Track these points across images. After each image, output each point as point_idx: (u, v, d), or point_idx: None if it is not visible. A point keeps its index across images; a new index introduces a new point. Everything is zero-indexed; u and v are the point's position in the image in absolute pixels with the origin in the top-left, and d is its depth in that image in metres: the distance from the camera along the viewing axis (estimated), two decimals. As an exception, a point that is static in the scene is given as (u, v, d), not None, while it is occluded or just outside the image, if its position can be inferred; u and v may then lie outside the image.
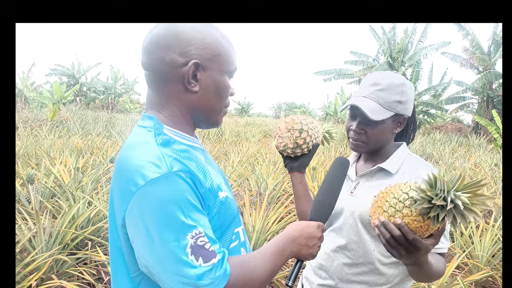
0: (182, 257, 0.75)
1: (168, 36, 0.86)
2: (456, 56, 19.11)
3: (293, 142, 1.29)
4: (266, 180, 5.25)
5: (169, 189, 0.77)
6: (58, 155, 6.16)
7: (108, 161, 5.82)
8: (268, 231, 3.49)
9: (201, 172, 0.86)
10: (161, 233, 0.75)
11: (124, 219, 0.80)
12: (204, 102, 0.91)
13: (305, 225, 0.98)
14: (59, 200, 3.80)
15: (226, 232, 0.91)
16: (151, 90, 0.92)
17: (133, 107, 29.58)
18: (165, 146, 0.84)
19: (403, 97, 1.21)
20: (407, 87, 1.22)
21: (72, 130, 11.68)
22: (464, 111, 20.76)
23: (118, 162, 0.86)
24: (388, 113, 1.20)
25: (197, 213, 0.79)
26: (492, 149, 12.99)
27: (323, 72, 22.44)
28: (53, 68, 29.54)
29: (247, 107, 40.25)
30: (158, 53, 0.86)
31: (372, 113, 1.18)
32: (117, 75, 30.40)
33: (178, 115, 0.91)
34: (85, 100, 30.46)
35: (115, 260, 0.89)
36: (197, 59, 0.86)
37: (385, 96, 1.20)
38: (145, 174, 0.77)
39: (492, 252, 3.48)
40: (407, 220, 0.89)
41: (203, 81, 0.89)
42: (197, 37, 0.87)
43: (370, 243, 1.23)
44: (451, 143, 14.18)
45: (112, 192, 0.87)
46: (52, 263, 2.74)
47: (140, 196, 0.76)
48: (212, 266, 0.77)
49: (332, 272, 1.28)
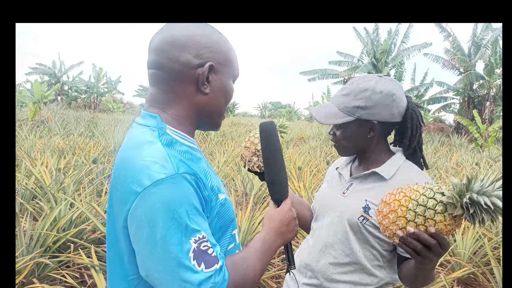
0: (185, 262, 0.74)
1: (184, 37, 0.87)
2: (438, 57, 19.47)
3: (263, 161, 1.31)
4: (252, 180, 5.25)
5: (175, 191, 0.76)
6: (39, 155, 6.02)
7: (91, 162, 5.73)
8: (254, 231, 3.49)
9: (203, 174, 0.86)
10: (164, 236, 0.73)
11: (126, 220, 0.78)
12: (212, 104, 0.92)
13: (280, 213, 0.99)
14: (40, 202, 3.72)
15: (225, 234, 0.91)
16: (157, 89, 0.91)
17: (116, 106, 29.17)
18: (169, 146, 0.83)
19: (367, 102, 1.19)
20: (377, 93, 1.19)
21: (54, 130, 11.45)
22: (446, 111, 21.19)
23: (120, 161, 0.84)
24: (346, 117, 1.21)
25: (199, 217, 0.78)
26: (473, 149, 13.29)
27: (308, 72, 22.59)
28: (33, 67, 28.95)
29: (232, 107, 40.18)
30: (173, 52, 0.86)
31: (324, 118, 1.23)
32: (99, 74, 29.97)
33: (183, 115, 0.91)
34: (66, 100, 29.93)
35: (112, 261, 0.87)
36: (211, 62, 0.88)
37: (345, 101, 1.22)
38: (151, 174, 0.76)
39: (473, 249, 3.55)
40: (440, 226, 0.87)
41: (213, 84, 0.91)
42: (211, 41, 0.89)
43: (356, 244, 1.23)
44: (433, 142, 14.45)
45: (112, 192, 0.85)
46: (33, 267, 2.67)
47: (145, 196, 0.75)
48: (214, 272, 0.76)
49: (318, 271, 1.28)
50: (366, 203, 1.22)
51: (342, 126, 1.25)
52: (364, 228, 1.20)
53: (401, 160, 1.28)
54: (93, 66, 30.41)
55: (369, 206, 1.21)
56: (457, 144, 14.26)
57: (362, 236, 1.21)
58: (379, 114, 1.21)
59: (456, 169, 7.89)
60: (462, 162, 8.97)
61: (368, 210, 1.20)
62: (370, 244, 1.22)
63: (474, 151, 12.66)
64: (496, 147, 12.52)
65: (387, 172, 1.24)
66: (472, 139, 15.74)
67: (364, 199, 1.23)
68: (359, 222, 1.20)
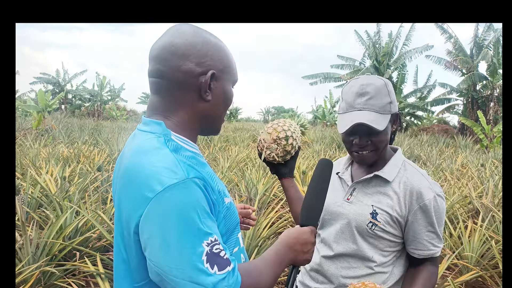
0: (198, 265, 0.75)
1: (185, 45, 0.88)
2: (440, 58, 19.45)
3: (282, 151, 1.31)
4: (256, 185, 5.24)
5: (187, 195, 0.77)
6: (44, 164, 6.05)
7: (95, 170, 5.74)
8: (259, 236, 3.48)
9: (211, 178, 0.88)
10: (178, 240, 0.75)
11: (137, 226, 0.79)
12: (214, 110, 0.94)
13: (300, 232, 0.99)
14: (46, 210, 3.73)
15: (231, 238, 0.92)
16: (159, 97, 0.91)
17: (119, 114, 29.30)
18: (176, 152, 0.84)
19: (391, 96, 1.23)
20: (388, 85, 1.24)
21: (58, 139, 11.50)
22: (450, 113, 21.12)
23: (127, 168, 0.85)
24: (387, 117, 1.21)
25: (210, 220, 0.80)
26: (478, 150, 13.21)
27: (310, 76, 22.63)
28: (37, 76, 29.18)
29: (235, 112, 40.26)
30: (175, 61, 0.87)
31: (376, 124, 1.17)
32: (103, 82, 30.15)
33: (186, 122, 0.92)
34: (70, 108, 30.13)
35: (119, 268, 0.88)
36: (213, 70, 0.89)
37: (378, 103, 1.20)
38: (162, 180, 0.77)
39: (481, 252, 3.52)
40: None
41: (215, 91, 0.92)
42: (212, 49, 0.91)
43: (367, 250, 1.23)
44: (438, 144, 14.37)
45: (120, 200, 0.86)
46: (40, 275, 2.67)
47: (157, 202, 0.76)
48: (226, 274, 0.77)
49: (330, 276, 1.28)
50: (373, 209, 1.22)
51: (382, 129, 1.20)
52: (374, 233, 1.21)
53: (401, 160, 1.29)
54: (96, 74, 30.62)
55: (376, 211, 1.21)
56: (462, 145, 14.18)
57: (371, 240, 1.22)
58: (396, 105, 1.25)
59: (461, 171, 7.84)
60: (467, 164, 8.91)
61: (376, 216, 1.21)
62: (380, 247, 1.23)
63: (480, 152, 12.58)
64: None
65: (389, 174, 1.24)
66: (477, 140, 15.65)
67: (370, 205, 1.23)
68: (368, 228, 1.21)
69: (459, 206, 4.88)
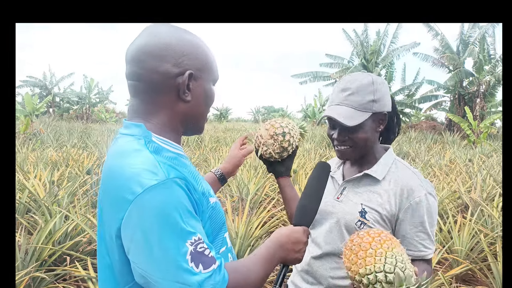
0: (183, 264, 0.74)
1: (160, 46, 0.86)
2: (427, 56, 19.65)
3: (278, 147, 1.30)
4: (247, 185, 5.24)
5: (168, 196, 0.76)
6: (32, 168, 5.96)
7: (85, 173, 5.68)
8: (251, 236, 3.48)
9: (193, 177, 0.87)
10: (160, 241, 0.74)
11: (119, 230, 0.78)
12: (195, 110, 0.92)
13: (292, 230, 0.99)
14: (35, 215, 3.68)
15: (217, 238, 0.92)
16: (138, 100, 0.90)
17: (108, 116, 29.01)
18: (157, 153, 0.83)
19: (377, 95, 1.20)
20: (378, 84, 1.21)
21: (46, 143, 11.35)
22: (437, 109, 21.38)
23: (107, 171, 0.84)
24: (365, 114, 1.19)
25: (193, 219, 0.79)
26: (465, 145, 13.40)
27: (300, 75, 22.68)
28: (24, 80, 28.76)
29: (225, 113, 40.17)
30: (151, 63, 0.85)
31: (347, 119, 1.17)
32: (91, 85, 29.83)
33: (167, 124, 0.90)
34: (58, 111, 29.73)
35: (104, 273, 0.87)
36: (190, 69, 0.87)
37: (358, 99, 1.19)
38: (142, 181, 0.76)
39: (470, 246, 3.57)
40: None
41: (194, 91, 0.90)
42: (188, 48, 0.88)
43: None
44: (426, 140, 14.54)
45: (101, 203, 0.85)
46: (29, 281, 2.64)
47: (138, 204, 0.75)
48: (212, 272, 0.77)
49: (319, 276, 1.28)
50: (362, 207, 1.22)
51: (359, 126, 1.19)
52: None
53: (392, 158, 1.28)
54: (84, 76, 30.29)
55: (365, 210, 1.21)
56: (450, 141, 14.36)
57: None
58: (386, 105, 1.23)
59: (450, 166, 7.94)
60: (455, 159, 9.03)
61: (364, 214, 1.20)
62: None
63: (467, 147, 12.76)
64: (488, 143, 12.63)
65: (379, 173, 1.24)
66: (464, 136, 15.87)
67: (359, 203, 1.23)
68: (356, 227, 1.20)
69: (448, 201, 4.94)
